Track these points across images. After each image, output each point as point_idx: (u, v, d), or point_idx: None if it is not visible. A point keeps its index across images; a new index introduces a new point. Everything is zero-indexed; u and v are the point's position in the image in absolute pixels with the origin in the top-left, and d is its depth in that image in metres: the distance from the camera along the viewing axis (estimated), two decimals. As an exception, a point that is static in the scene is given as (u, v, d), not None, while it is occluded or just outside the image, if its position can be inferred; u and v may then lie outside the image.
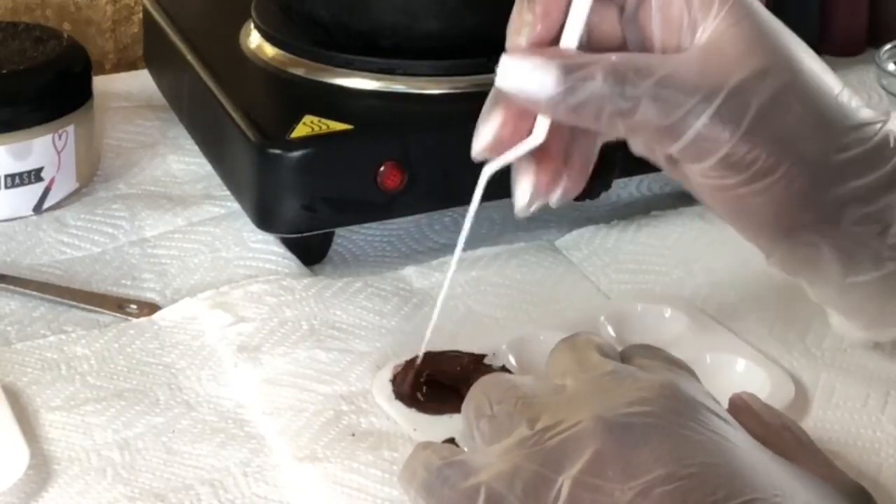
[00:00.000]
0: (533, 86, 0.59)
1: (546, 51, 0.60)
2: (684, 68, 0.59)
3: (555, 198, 0.63)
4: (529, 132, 0.61)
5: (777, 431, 0.62)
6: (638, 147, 0.65)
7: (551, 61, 0.59)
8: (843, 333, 0.72)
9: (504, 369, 0.73)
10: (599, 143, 0.64)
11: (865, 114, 0.62)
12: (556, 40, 0.61)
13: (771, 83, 0.59)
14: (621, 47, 0.63)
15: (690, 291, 0.83)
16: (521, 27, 0.61)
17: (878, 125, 0.62)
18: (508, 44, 0.61)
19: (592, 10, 0.60)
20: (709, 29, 0.60)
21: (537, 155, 0.62)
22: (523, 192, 0.63)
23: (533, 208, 0.64)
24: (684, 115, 0.58)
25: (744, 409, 0.63)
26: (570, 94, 0.58)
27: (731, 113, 0.58)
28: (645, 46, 0.63)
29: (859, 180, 0.60)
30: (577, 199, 0.84)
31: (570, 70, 0.58)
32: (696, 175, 0.61)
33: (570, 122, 0.60)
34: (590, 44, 0.62)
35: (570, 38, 0.60)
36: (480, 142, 0.63)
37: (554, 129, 0.61)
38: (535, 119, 0.61)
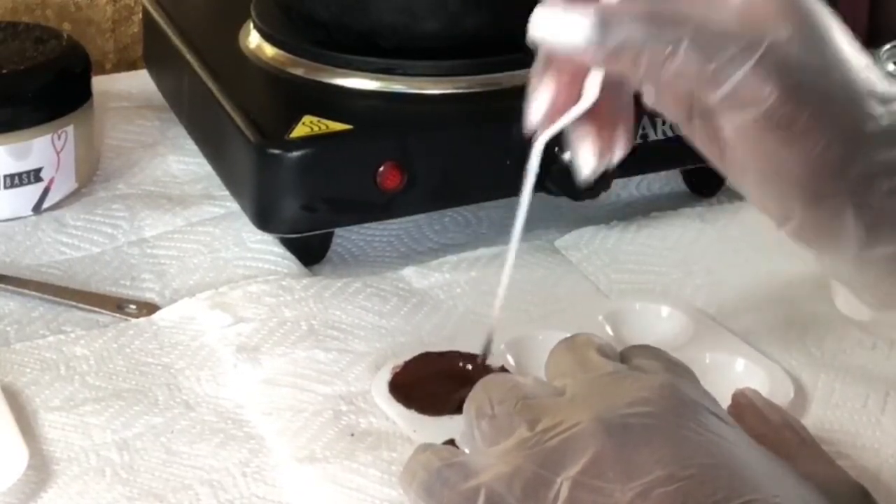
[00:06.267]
0: (568, 32, 0.58)
1: (581, 4, 0.60)
2: (724, 16, 0.58)
3: (617, 156, 0.63)
4: (579, 97, 0.61)
5: (778, 429, 0.62)
6: (652, 99, 0.64)
7: (587, 7, 0.58)
8: (848, 313, 0.71)
9: (503, 369, 0.73)
10: (631, 93, 0.64)
11: (893, 90, 0.62)
12: None
13: (807, 45, 0.59)
14: None
15: (690, 291, 0.83)
16: None
17: None
18: None
19: None
20: None
21: (592, 117, 0.61)
22: (587, 157, 0.62)
23: (597, 172, 0.63)
24: (727, 62, 0.58)
25: (746, 406, 0.62)
26: (607, 38, 0.58)
27: (772, 66, 0.58)
28: None
29: (890, 152, 0.60)
30: (578, 198, 0.85)
31: (606, 14, 0.58)
32: (733, 129, 0.60)
33: (608, 68, 0.60)
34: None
35: None
36: (536, 111, 0.62)
37: (602, 87, 0.60)
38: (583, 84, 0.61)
